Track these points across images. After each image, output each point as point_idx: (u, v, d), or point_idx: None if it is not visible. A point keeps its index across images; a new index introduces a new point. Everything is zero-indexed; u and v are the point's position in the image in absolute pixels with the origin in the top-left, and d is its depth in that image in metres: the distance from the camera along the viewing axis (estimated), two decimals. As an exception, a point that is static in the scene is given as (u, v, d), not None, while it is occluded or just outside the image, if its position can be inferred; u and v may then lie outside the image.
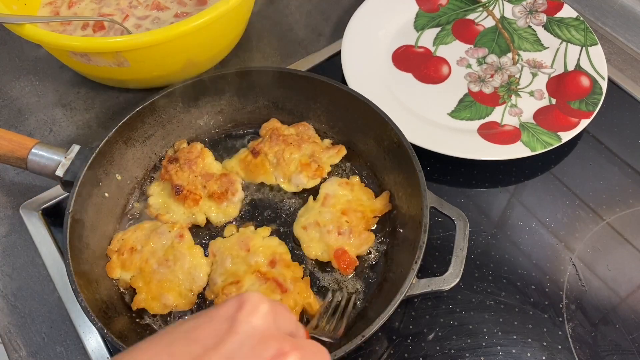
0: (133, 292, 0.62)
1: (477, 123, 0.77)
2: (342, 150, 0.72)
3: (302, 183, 0.69)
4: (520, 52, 0.85)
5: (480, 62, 0.84)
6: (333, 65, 0.84)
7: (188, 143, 0.73)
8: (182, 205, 0.67)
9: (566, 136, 0.73)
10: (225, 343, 0.36)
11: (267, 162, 0.70)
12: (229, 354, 0.35)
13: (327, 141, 0.73)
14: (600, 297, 0.65)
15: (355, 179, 0.69)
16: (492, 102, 0.79)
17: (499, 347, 0.61)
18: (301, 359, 0.37)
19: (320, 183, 0.70)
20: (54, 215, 0.71)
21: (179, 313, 0.61)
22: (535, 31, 0.87)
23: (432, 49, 0.86)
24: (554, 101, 0.79)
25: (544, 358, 0.61)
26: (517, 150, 0.72)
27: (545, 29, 0.87)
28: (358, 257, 0.64)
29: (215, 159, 0.72)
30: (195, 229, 0.68)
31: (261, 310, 0.38)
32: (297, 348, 0.37)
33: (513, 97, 0.80)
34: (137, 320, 0.61)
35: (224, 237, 0.66)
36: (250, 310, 0.38)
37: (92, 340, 0.62)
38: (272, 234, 0.67)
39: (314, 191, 0.70)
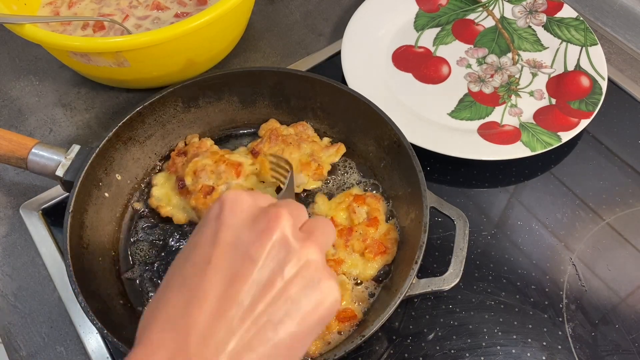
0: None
1: (477, 123, 0.77)
2: (342, 149, 0.72)
3: (302, 182, 0.69)
4: (520, 52, 0.85)
5: (480, 62, 0.84)
6: (333, 65, 0.84)
7: (200, 138, 0.73)
8: (183, 199, 0.67)
9: (566, 136, 0.73)
10: (223, 235, 0.38)
11: (267, 163, 0.70)
12: (232, 241, 0.38)
13: (326, 140, 0.73)
14: (600, 297, 0.65)
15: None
16: (492, 102, 0.79)
17: (499, 347, 0.61)
18: (289, 214, 0.39)
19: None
20: (54, 215, 0.71)
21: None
22: (535, 31, 0.87)
23: (432, 49, 0.86)
24: (554, 101, 0.79)
25: (544, 358, 0.61)
26: (517, 150, 0.72)
27: (545, 29, 0.87)
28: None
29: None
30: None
31: (242, 198, 0.40)
32: (282, 206, 0.40)
33: (513, 97, 0.80)
34: (138, 319, 0.61)
35: None
36: (232, 203, 0.40)
37: (92, 340, 0.62)
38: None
39: (313, 192, 0.70)
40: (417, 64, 0.84)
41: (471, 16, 0.90)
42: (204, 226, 0.40)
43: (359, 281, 0.63)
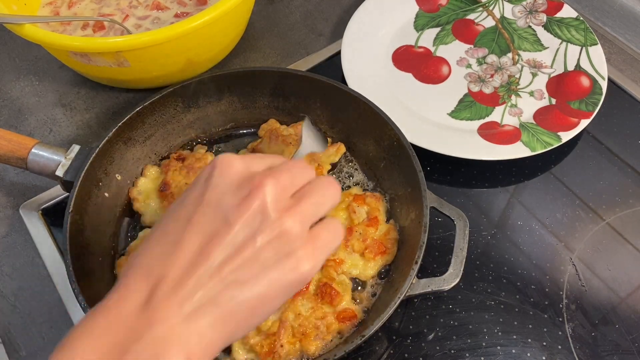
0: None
1: (477, 123, 0.77)
2: (341, 149, 0.72)
3: None
4: (520, 52, 0.85)
5: (480, 62, 0.84)
6: (333, 65, 0.84)
7: (208, 150, 0.73)
8: (160, 202, 0.68)
9: (566, 136, 0.73)
10: (208, 197, 0.41)
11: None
12: (215, 203, 0.40)
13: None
14: (600, 297, 0.65)
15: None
16: (492, 102, 0.79)
17: (499, 347, 0.61)
18: (275, 183, 0.41)
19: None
20: (54, 215, 0.71)
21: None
22: (535, 31, 0.87)
23: (432, 49, 0.86)
24: (554, 101, 0.79)
25: (544, 358, 0.61)
26: (517, 150, 0.72)
27: (545, 29, 0.87)
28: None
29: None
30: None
31: (233, 163, 0.42)
32: (269, 175, 0.41)
33: (513, 97, 0.80)
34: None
35: None
36: (222, 167, 0.42)
37: (92, 340, 0.62)
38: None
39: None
40: (417, 64, 0.84)
41: (471, 16, 0.90)
42: (193, 187, 0.42)
43: (359, 281, 0.63)
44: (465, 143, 0.74)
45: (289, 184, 0.42)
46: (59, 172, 0.64)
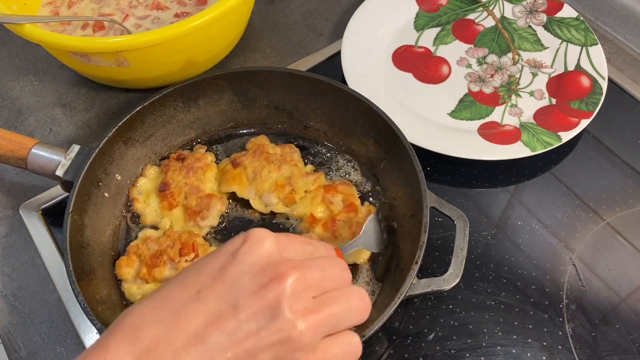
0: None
1: (477, 123, 0.77)
2: (321, 178, 0.70)
3: (271, 203, 0.67)
4: (520, 52, 0.85)
5: (480, 62, 0.84)
6: (333, 65, 0.84)
7: (207, 150, 0.73)
8: (159, 202, 0.68)
9: (566, 136, 0.73)
10: (228, 273, 0.38)
11: (244, 176, 0.68)
12: (231, 281, 0.37)
13: (309, 167, 0.72)
14: (601, 297, 0.65)
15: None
16: (492, 102, 0.79)
17: (499, 347, 0.61)
18: (300, 278, 0.38)
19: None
20: (54, 215, 0.71)
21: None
22: (535, 31, 0.87)
23: (432, 49, 0.86)
24: (554, 101, 0.79)
25: (544, 358, 0.61)
26: (517, 150, 0.72)
27: (545, 29, 0.87)
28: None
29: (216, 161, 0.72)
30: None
31: (265, 242, 0.39)
32: (297, 268, 0.38)
33: (513, 97, 0.80)
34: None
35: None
36: (252, 243, 0.39)
37: (92, 340, 0.62)
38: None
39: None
40: (417, 64, 0.84)
41: (471, 16, 0.90)
42: (218, 254, 0.40)
43: (357, 276, 0.63)
44: (465, 143, 0.74)
45: (315, 284, 0.39)
46: (59, 172, 0.64)
